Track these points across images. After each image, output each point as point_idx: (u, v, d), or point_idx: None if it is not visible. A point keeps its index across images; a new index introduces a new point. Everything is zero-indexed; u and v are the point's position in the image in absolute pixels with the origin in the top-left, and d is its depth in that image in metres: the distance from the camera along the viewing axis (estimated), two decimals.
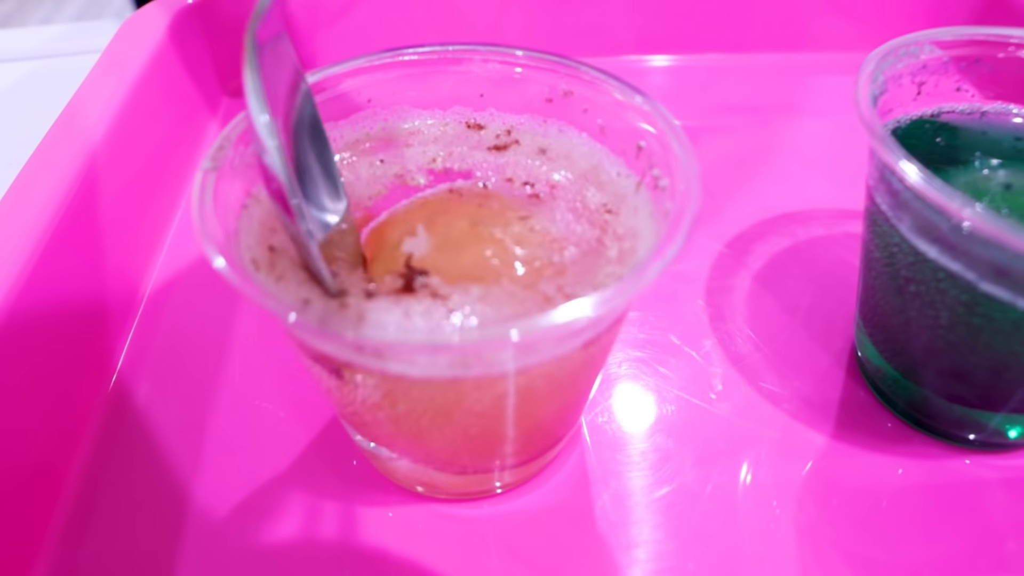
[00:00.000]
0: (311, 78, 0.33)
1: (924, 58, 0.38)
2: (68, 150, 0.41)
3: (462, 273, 0.29)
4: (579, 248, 0.31)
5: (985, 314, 0.31)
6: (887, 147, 0.30)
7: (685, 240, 0.27)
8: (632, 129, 0.33)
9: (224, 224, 0.28)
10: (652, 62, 0.64)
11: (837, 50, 0.64)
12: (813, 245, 0.46)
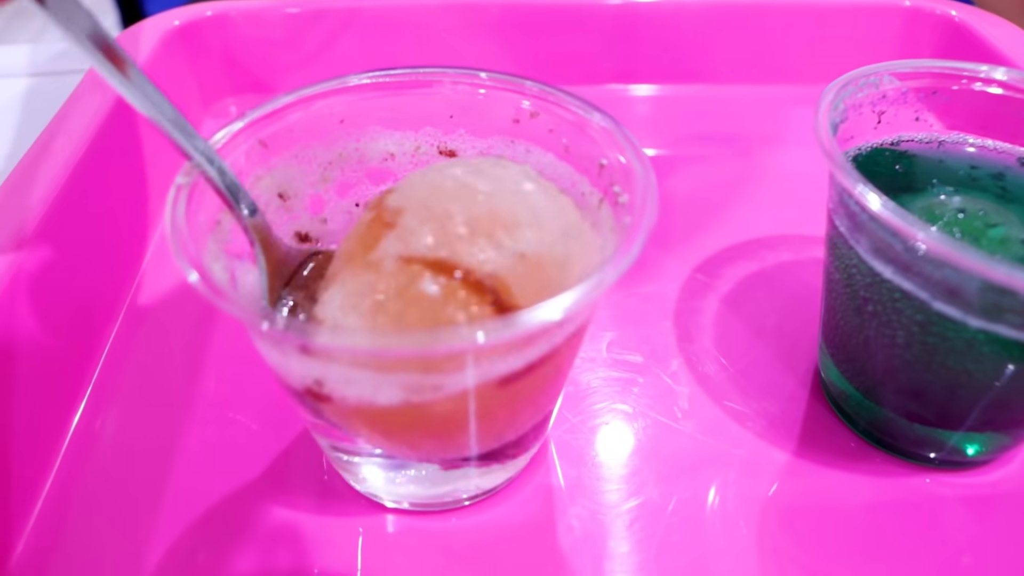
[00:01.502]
0: (285, 99, 0.34)
1: (884, 88, 0.39)
2: (50, 166, 0.42)
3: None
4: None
5: (939, 333, 0.32)
6: (844, 172, 0.32)
7: (640, 249, 0.28)
8: (594, 147, 0.34)
9: (196, 237, 0.28)
10: (635, 91, 0.65)
11: (807, 83, 0.65)
12: (780, 269, 0.48)
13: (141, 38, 0.56)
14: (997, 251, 0.34)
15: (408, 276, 0.28)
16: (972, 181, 0.38)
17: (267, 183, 0.35)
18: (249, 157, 0.34)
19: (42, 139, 0.44)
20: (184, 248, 0.27)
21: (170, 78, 0.57)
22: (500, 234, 0.29)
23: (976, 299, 0.30)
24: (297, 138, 0.36)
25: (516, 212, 0.30)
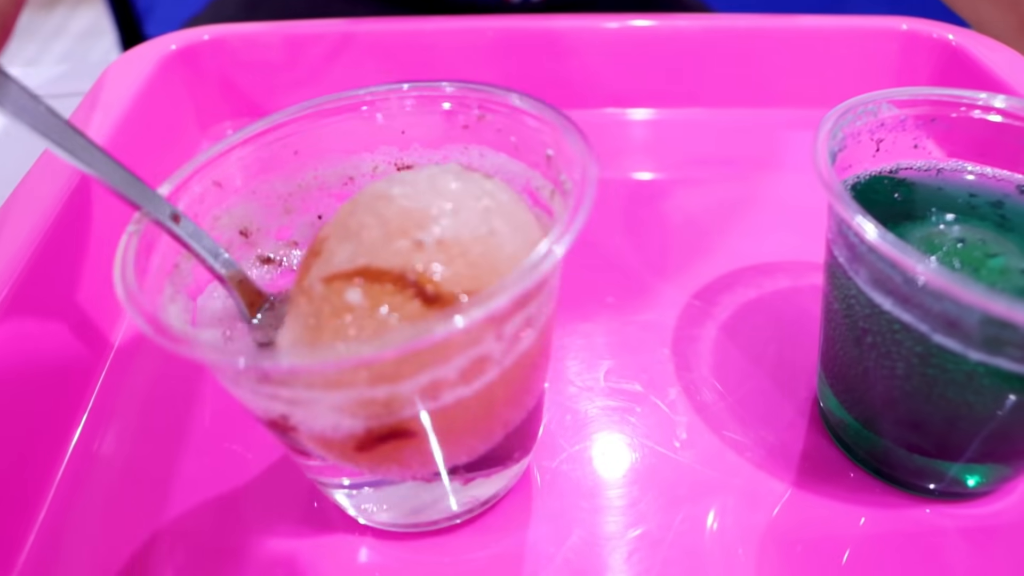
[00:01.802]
0: (235, 137, 0.34)
1: (882, 116, 0.39)
2: (48, 188, 0.42)
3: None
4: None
5: (939, 365, 0.32)
6: (843, 203, 0.31)
7: (583, 218, 0.27)
8: (539, 140, 0.34)
9: (152, 283, 0.29)
10: (632, 115, 0.65)
11: (806, 106, 0.65)
12: (778, 296, 0.47)
13: (138, 62, 0.56)
14: (997, 281, 0.33)
15: (332, 291, 0.28)
16: (971, 209, 0.38)
17: (226, 222, 0.35)
18: (204, 199, 0.34)
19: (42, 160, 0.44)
20: (132, 298, 0.27)
21: (167, 102, 0.57)
22: (413, 229, 0.29)
23: (976, 332, 0.30)
24: (252, 174, 0.36)
25: (430, 205, 0.30)
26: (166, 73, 0.57)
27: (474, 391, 0.29)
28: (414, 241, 0.28)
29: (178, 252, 0.32)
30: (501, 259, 0.29)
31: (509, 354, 0.29)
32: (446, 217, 0.29)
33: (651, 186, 0.58)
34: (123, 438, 0.40)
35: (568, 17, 0.63)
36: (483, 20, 0.63)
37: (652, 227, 0.53)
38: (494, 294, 0.25)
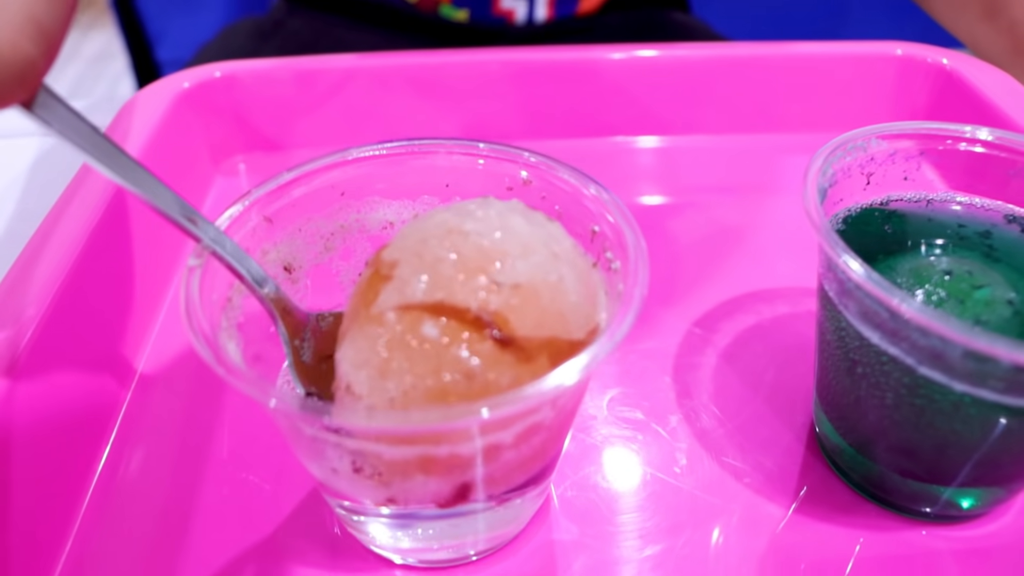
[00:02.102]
0: (288, 175, 0.36)
1: (871, 151, 0.40)
2: (71, 224, 0.44)
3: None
4: None
5: (926, 395, 0.33)
6: (830, 242, 0.33)
7: (633, 321, 0.29)
8: (586, 214, 0.35)
9: (211, 318, 0.30)
10: (640, 143, 0.67)
11: (806, 131, 0.67)
12: (777, 323, 0.49)
13: (153, 99, 0.58)
14: (983, 313, 0.35)
15: (408, 323, 0.30)
16: (960, 240, 0.39)
17: (273, 257, 0.36)
18: (255, 233, 0.35)
19: (64, 197, 0.46)
20: (202, 334, 0.28)
21: (181, 137, 0.58)
22: (491, 269, 0.30)
23: (960, 365, 0.31)
24: (300, 212, 0.37)
25: (504, 245, 0.31)
26: (180, 110, 0.59)
27: (524, 449, 0.31)
28: (492, 281, 0.30)
29: (229, 286, 0.33)
30: (567, 306, 0.31)
31: (560, 415, 0.31)
32: (521, 260, 0.31)
33: (654, 213, 0.59)
34: (145, 469, 0.41)
35: (575, 49, 0.64)
36: (492, 53, 0.64)
37: (655, 255, 0.54)
38: (557, 379, 0.27)
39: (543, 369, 0.29)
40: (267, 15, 1.00)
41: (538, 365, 0.30)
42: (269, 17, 0.99)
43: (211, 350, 0.28)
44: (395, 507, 0.33)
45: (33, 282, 0.40)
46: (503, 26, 0.93)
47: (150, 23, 1.86)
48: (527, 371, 0.29)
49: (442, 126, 0.65)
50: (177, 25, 1.86)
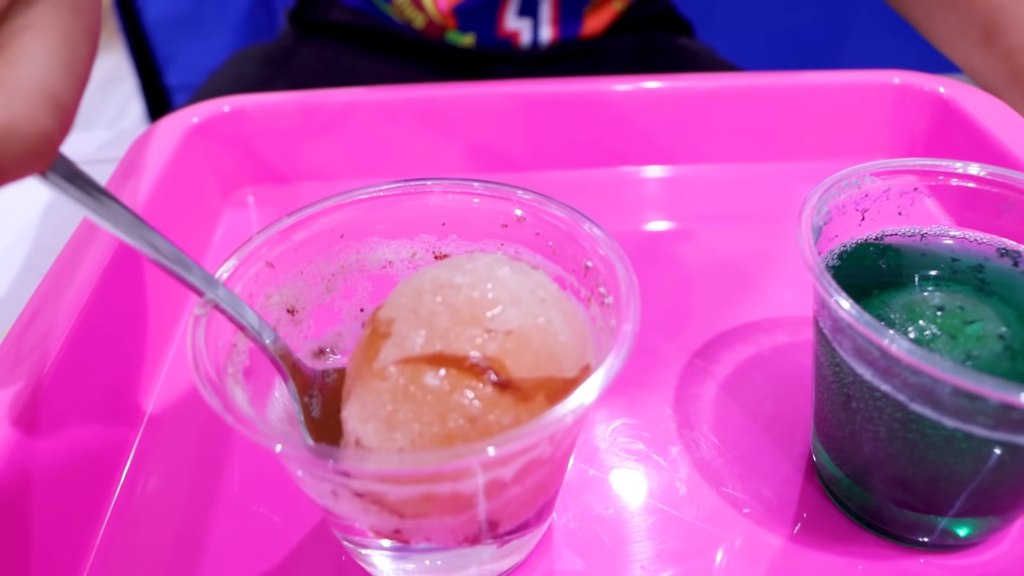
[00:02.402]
0: (288, 220, 0.37)
1: (866, 188, 0.41)
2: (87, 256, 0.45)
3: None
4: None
5: (918, 430, 0.34)
6: (823, 282, 0.34)
7: (625, 358, 0.30)
8: (579, 250, 0.37)
9: (216, 364, 0.31)
10: (644, 173, 0.68)
11: (807, 159, 0.68)
12: (776, 353, 0.49)
13: (163, 135, 0.59)
14: (974, 348, 0.35)
15: (410, 375, 0.31)
16: (953, 274, 0.40)
17: (276, 300, 0.38)
18: (258, 279, 0.37)
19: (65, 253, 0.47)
20: (209, 381, 0.30)
21: (191, 171, 0.59)
22: (484, 318, 0.32)
23: (949, 402, 0.32)
24: (301, 255, 0.38)
25: (494, 295, 0.33)
26: (190, 144, 0.60)
27: (527, 483, 0.32)
28: (486, 330, 0.32)
29: (235, 331, 0.35)
30: (558, 347, 0.32)
31: (559, 450, 0.32)
32: (511, 308, 0.32)
33: (657, 242, 0.60)
34: (157, 502, 0.42)
35: (578, 81, 0.66)
36: (498, 85, 0.65)
37: (657, 284, 0.55)
38: (552, 420, 0.28)
39: (541, 408, 0.31)
40: (275, 42, 1.01)
41: (536, 404, 0.31)
42: (277, 44, 1.00)
43: (218, 397, 0.29)
44: (400, 541, 0.34)
45: (47, 325, 0.41)
46: (509, 49, 0.94)
47: (159, 48, 1.88)
48: (526, 410, 0.31)
49: (449, 157, 0.66)
50: (186, 50, 1.88)
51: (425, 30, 0.94)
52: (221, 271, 0.35)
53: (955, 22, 0.72)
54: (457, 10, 0.91)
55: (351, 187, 0.39)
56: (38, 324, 0.41)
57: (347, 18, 0.96)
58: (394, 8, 0.94)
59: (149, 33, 1.86)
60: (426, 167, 0.66)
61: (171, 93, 1.95)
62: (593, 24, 0.97)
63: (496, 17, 0.92)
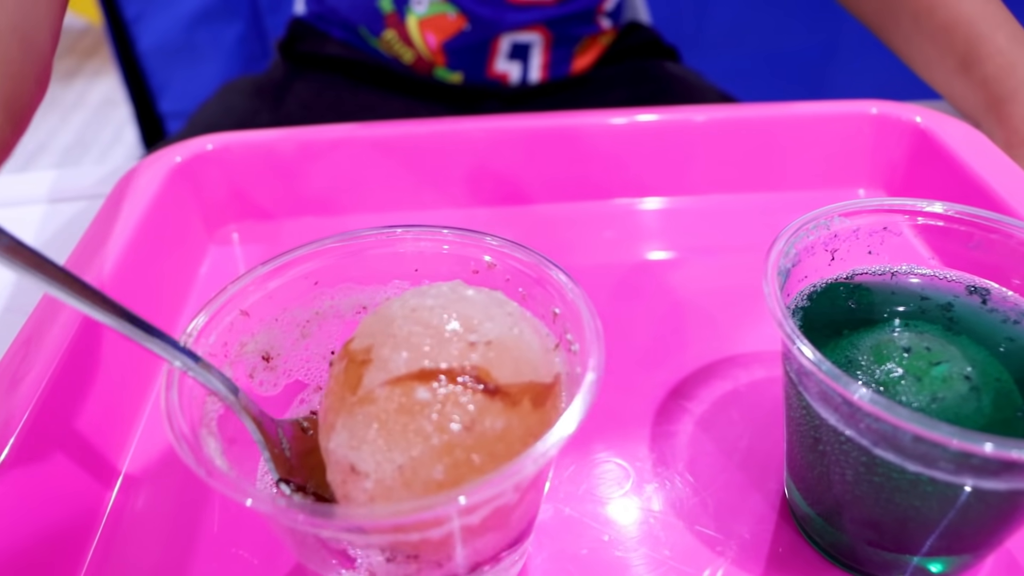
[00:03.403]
0: (263, 269, 0.38)
1: (835, 228, 0.42)
2: (55, 325, 0.45)
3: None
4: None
5: (884, 473, 0.34)
6: (786, 329, 0.34)
7: (589, 407, 0.31)
8: (548, 296, 0.38)
9: (190, 418, 0.32)
10: (624, 204, 0.69)
11: (788, 189, 0.68)
12: (753, 388, 0.50)
13: (146, 174, 0.60)
14: (939, 390, 0.36)
15: (401, 393, 0.32)
16: (922, 312, 0.41)
17: (251, 348, 0.38)
18: (233, 327, 0.37)
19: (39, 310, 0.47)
20: (183, 437, 0.30)
21: (175, 209, 0.60)
22: (462, 332, 0.33)
23: (911, 448, 0.32)
24: (276, 303, 0.39)
25: (466, 312, 0.34)
26: (174, 183, 0.60)
27: (493, 524, 0.32)
28: (468, 343, 0.33)
29: (207, 391, 0.35)
30: (533, 355, 0.34)
31: (525, 496, 0.33)
32: (487, 322, 0.34)
33: (635, 275, 0.61)
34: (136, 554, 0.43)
35: (577, 114, 0.66)
36: (485, 120, 0.66)
37: (637, 318, 0.56)
38: (516, 469, 0.29)
39: (528, 412, 0.32)
40: (265, 74, 1.02)
41: (523, 408, 0.32)
42: (267, 76, 1.01)
43: (192, 453, 0.30)
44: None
45: (19, 383, 0.41)
46: (497, 87, 0.95)
47: (152, 76, 1.89)
48: (516, 414, 0.32)
49: (436, 192, 0.67)
50: (179, 77, 1.90)
51: (414, 65, 0.95)
52: (195, 322, 0.36)
53: (934, 51, 0.73)
54: (447, 48, 0.91)
55: (335, 223, 0.40)
56: (13, 380, 0.42)
57: (337, 51, 0.97)
58: (383, 43, 0.95)
59: (143, 61, 1.87)
60: (412, 203, 0.67)
61: (165, 120, 1.96)
62: (581, 63, 0.98)
63: (486, 59, 0.93)
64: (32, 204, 0.72)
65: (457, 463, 0.31)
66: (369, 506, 0.31)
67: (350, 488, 0.32)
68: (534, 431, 0.32)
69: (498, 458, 0.31)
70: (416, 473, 0.31)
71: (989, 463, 0.31)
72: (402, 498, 0.31)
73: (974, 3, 0.70)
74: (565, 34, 0.94)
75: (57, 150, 2.59)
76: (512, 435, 0.32)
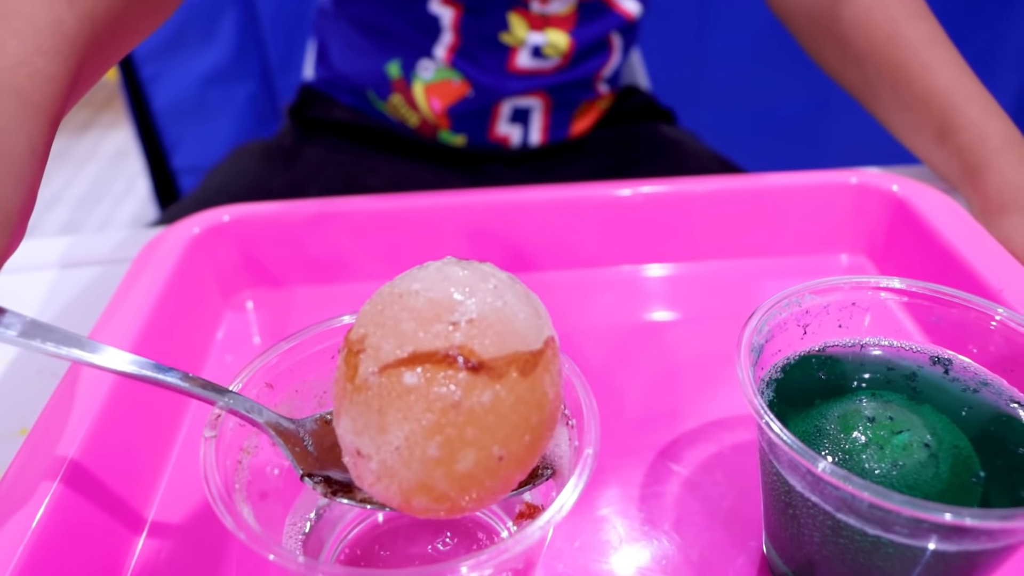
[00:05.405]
0: (285, 345, 0.41)
1: (806, 305, 0.45)
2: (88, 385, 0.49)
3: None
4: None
5: (848, 536, 0.37)
6: (755, 404, 0.38)
7: (586, 482, 0.35)
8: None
9: (226, 479, 0.35)
10: (618, 272, 0.72)
11: (774, 255, 0.72)
12: (737, 450, 0.53)
13: (165, 244, 0.63)
14: (900, 457, 0.39)
15: (390, 379, 0.35)
16: (888, 383, 0.44)
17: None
18: (259, 397, 0.41)
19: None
20: (220, 497, 0.34)
21: (193, 277, 0.64)
22: (446, 314, 0.35)
23: (868, 513, 0.35)
24: (296, 375, 0.43)
25: (450, 291, 0.36)
26: (191, 252, 0.64)
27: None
28: (450, 323, 0.35)
29: (239, 448, 0.39)
30: (519, 324, 0.36)
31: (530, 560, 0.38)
32: (469, 299, 0.36)
33: (625, 341, 0.64)
34: None
35: (555, 188, 0.70)
36: (488, 194, 0.69)
37: (627, 384, 0.59)
38: (524, 536, 0.33)
39: (516, 381, 0.35)
40: (275, 137, 1.06)
41: (510, 379, 0.35)
42: (277, 140, 1.05)
43: (229, 513, 0.34)
44: None
45: (56, 441, 0.45)
46: (499, 150, 1.00)
47: (165, 132, 1.94)
48: (503, 386, 0.34)
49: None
50: (191, 135, 1.95)
51: (419, 129, 0.99)
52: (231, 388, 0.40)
53: (913, 120, 0.77)
54: (451, 112, 0.96)
55: (344, 290, 0.43)
56: (47, 440, 0.45)
57: (345, 116, 1.02)
58: (389, 107, 0.99)
59: (157, 118, 1.93)
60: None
61: (177, 175, 2.01)
62: (580, 126, 1.02)
63: (488, 122, 0.97)
64: (44, 270, 0.75)
65: (450, 440, 0.34)
66: (377, 486, 0.35)
67: (360, 470, 0.36)
68: (524, 398, 0.35)
69: (492, 430, 0.34)
70: (412, 452, 0.34)
71: (940, 527, 0.35)
72: (404, 477, 0.34)
73: (949, 76, 0.74)
74: (564, 99, 0.98)
75: (70, 201, 2.64)
76: (502, 406, 0.34)
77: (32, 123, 0.40)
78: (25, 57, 0.42)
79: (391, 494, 0.35)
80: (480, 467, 0.34)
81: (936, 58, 0.75)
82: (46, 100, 0.42)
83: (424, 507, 0.35)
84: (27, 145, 0.39)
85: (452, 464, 0.34)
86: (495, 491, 0.36)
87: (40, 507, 0.41)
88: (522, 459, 0.36)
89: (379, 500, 0.36)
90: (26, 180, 0.38)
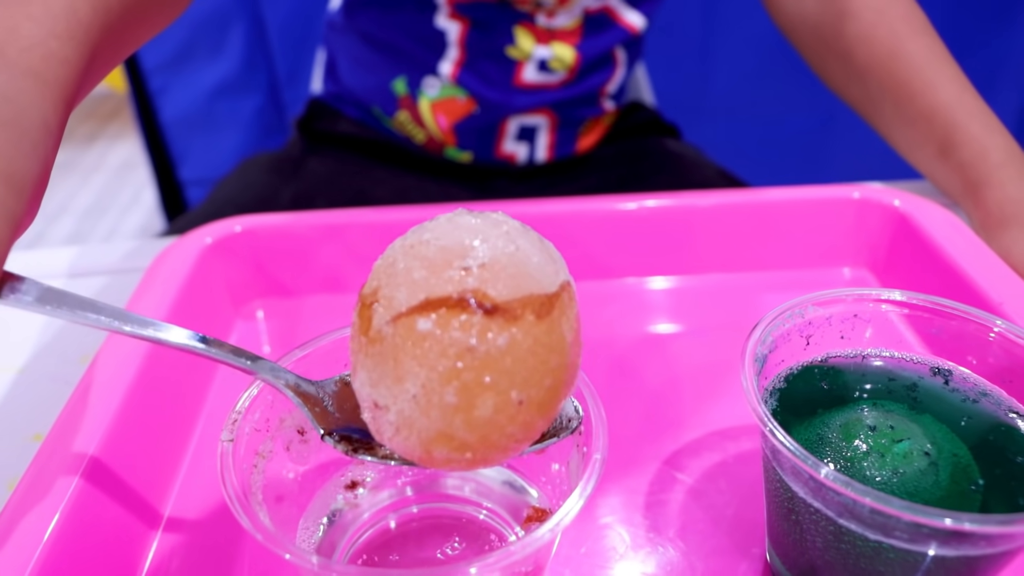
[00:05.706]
0: (300, 352, 0.42)
1: (809, 316, 0.46)
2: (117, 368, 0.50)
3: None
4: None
5: (849, 542, 0.38)
6: (759, 413, 0.39)
7: (594, 486, 0.36)
8: None
9: (243, 482, 0.36)
10: (619, 285, 0.73)
11: (777, 268, 0.73)
12: (740, 458, 0.54)
13: (178, 254, 0.65)
14: (900, 465, 0.40)
15: (403, 327, 0.34)
16: (889, 393, 0.45)
17: (289, 423, 0.43)
18: (274, 406, 0.42)
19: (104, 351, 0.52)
20: (238, 499, 0.35)
21: (205, 287, 0.65)
22: (457, 260, 0.35)
23: (869, 519, 0.36)
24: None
25: (461, 239, 0.35)
26: (203, 262, 0.65)
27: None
28: (462, 268, 0.35)
29: (255, 453, 0.40)
30: (532, 268, 0.36)
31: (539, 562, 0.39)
32: (481, 245, 0.35)
33: (630, 352, 0.65)
34: None
35: (585, 200, 0.71)
36: (506, 206, 0.70)
37: (631, 394, 0.60)
38: (536, 538, 0.34)
39: (532, 323, 0.34)
40: (283, 150, 1.07)
41: (526, 321, 0.34)
42: (285, 152, 1.06)
43: (246, 514, 0.35)
44: None
45: (72, 444, 0.46)
46: (505, 166, 1.01)
47: (173, 144, 1.96)
48: (520, 328, 0.34)
49: None
50: (198, 147, 1.96)
51: (426, 145, 1.00)
52: (245, 397, 0.41)
53: (915, 136, 0.78)
54: (457, 129, 0.97)
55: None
56: (65, 442, 0.46)
57: (352, 130, 1.03)
58: (396, 123, 1.00)
59: (165, 130, 1.94)
60: None
61: (184, 187, 2.03)
62: (585, 142, 1.03)
63: (495, 140, 0.98)
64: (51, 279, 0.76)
65: (467, 385, 0.33)
66: (396, 438, 0.35)
67: (379, 423, 0.36)
68: (542, 340, 0.34)
69: (510, 373, 0.33)
70: (430, 400, 0.33)
71: (940, 532, 0.35)
72: (423, 426, 0.34)
73: (950, 92, 0.75)
74: (570, 116, 0.99)
75: (76, 211, 2.66)
76: (519, 348, 0.33)
77: (46, 101, 0.41)
78: (40, 39, 0.43)
79: (411, 445, 0.35)
80: (500, 413, 0.34)
81: (938, 74, 0.76)
82: (59, 81, 0.43)
83: (445, 457, 0.35)
84: (41, 121, 0.40)
85: (471, 410, 0.33)
86: (517, 438, 0.35)
87: (57, 509, 0.42)
88: (543, 404, 0.35)
89: (400, 454, 0.36)
90: (40, 153, 0.39)
